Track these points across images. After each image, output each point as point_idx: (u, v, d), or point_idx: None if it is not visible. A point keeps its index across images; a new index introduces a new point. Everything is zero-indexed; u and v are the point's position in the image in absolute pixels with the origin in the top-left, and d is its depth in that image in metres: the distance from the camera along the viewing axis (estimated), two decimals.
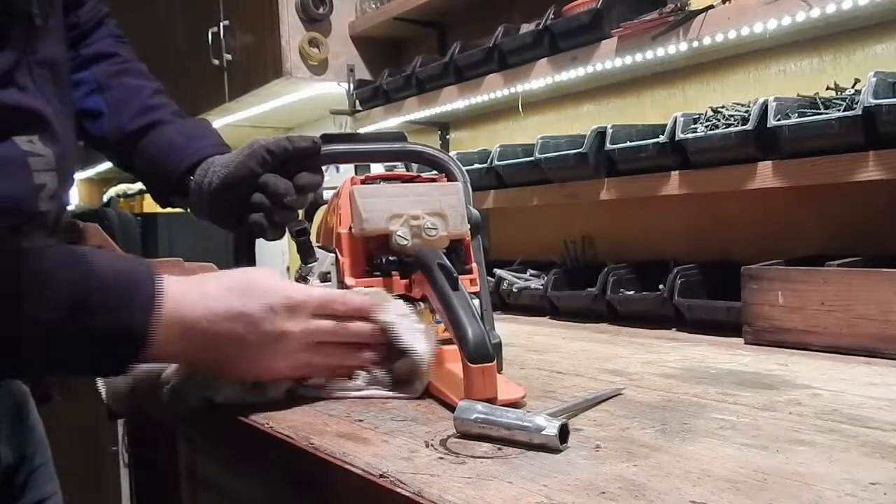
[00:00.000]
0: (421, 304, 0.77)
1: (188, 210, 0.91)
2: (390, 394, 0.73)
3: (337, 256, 0.80)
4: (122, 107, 0.91)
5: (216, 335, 0.65)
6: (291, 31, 2.00)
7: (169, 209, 0.99)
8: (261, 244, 0.85)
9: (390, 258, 0.77)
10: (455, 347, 0.66)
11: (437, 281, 0.69)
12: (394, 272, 0.77)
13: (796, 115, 1.03)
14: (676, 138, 1.15)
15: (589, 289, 1.28)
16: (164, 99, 0.95)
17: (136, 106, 0.91)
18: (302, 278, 0.84)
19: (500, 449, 0.57)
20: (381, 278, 0.77)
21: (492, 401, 0.62)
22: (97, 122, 0.91)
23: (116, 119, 0.91)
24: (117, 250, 1.15)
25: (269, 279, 0.68)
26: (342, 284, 0.78)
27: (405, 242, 0.75)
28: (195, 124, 0.93)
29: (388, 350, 0.72)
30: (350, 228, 0.78)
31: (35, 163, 0.70)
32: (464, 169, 0.87)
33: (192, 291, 0.65)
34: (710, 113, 1.17)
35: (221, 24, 2.23)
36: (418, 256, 0.74)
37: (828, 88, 1.12)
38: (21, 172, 0.69)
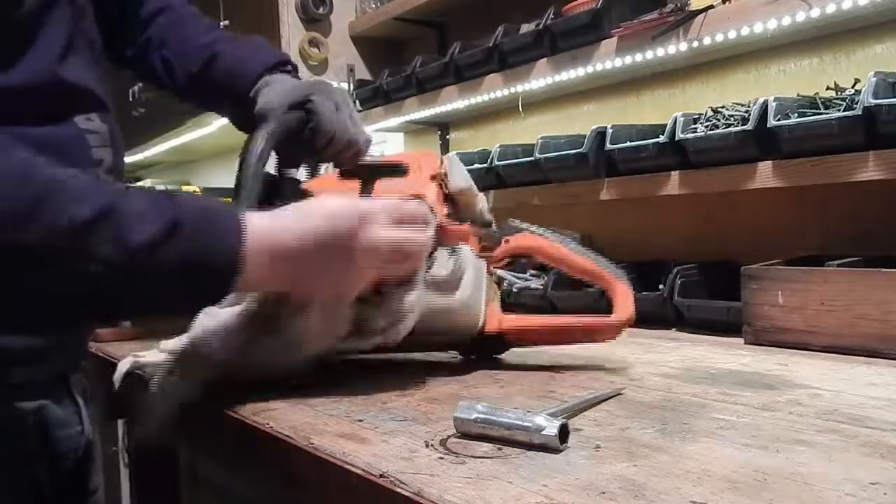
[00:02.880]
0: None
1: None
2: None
3: None
4: (184, 52, 0.96)
5: (305, 256, 0.66)
6: (291, 31, 2.00)
7: None
8: None
9: None
10: None
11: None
12: None
13: (796, 115, 1.03)
14: (676, 138, 1.15)
15: (588, 289, 1.28)
16: (217, 32, 0.99)
17: (194, 47, 0.96)
18: None
19: (500, 449, 0.57)
20: None
21: None
22: (172, 75, 0.97)
23: (183, 66, 0.96)
24: None
25: (339, 200, 0.70)
26: None
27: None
28: (246, 47, 0.97)
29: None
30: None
31: (93, 139, 0.72)
32: None
33: (273, 220, 0.66)
34: (710, 113, 1.17)
35: (221, 24, 2.23)
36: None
37: (828, 88, 1.12)
38: (82, 150, 0.70)
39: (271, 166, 0.90)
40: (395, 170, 0.91)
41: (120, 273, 0.57)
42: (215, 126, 2.43)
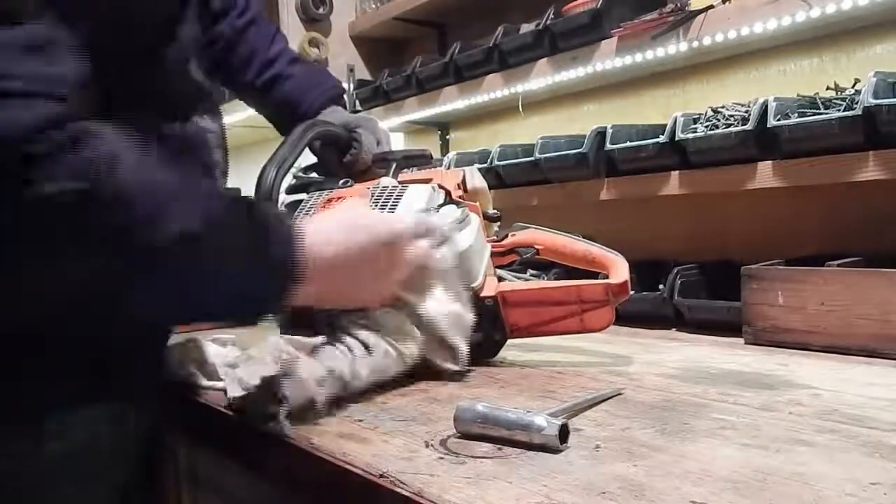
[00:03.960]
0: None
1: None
2: None
3: None
4: (249, 63, 1.06)
5: (343, 270, 0.69)
6: (291, 31, 2.00)
7: None
8: None
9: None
10: None
11: None
12: None
13: (796, 115, 1.03)
14: (676, 138, 1.15)
15: None
16: (281, 43, 1.09)
17: (260, 60, 1.06)
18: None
19: (500, 449, 0.57)
20: None
21: None
22: (233, 78, 1.07)
23: (246, 75, 1.06)
24: None
25: (372, 213, 0.76)
26: None
27: None
28: (308, 75, 1.09)
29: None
30: None
31: (211, 139, 0.74)
32: None
33: (317, 230, 0.68)
34: (710, 113, 1.17)
35: None
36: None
37: (828, 88, 1.12)
38: (205, 150, 0.73)
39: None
40: (422, 157, 1.04)
41: (203, 279, 0.59)
42: None
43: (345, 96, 1.11)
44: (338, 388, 0.71)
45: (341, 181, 0.97)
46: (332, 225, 0.71)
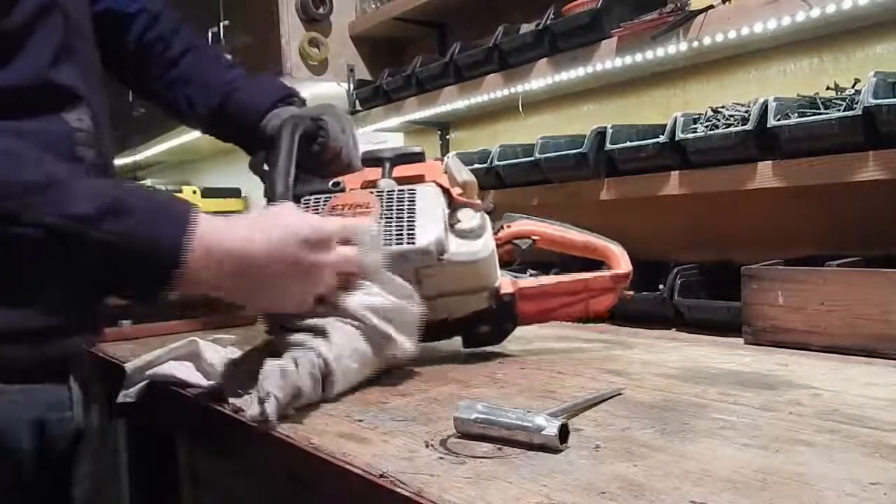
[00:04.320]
0: None
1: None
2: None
3: None
4: (207, 90, 1.04)
5: (250, 265, 0.68)
6: (291, 31, 2.00)
7: None
8: None
9: None
10: None
11: None
12: None
13: (796, 115, 1.03)
14: (676, 138, 1.15)
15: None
16: (237, 70, 1.08)
17: (216, 85, 1.04)
18: None
19: (500, 449, 0.57)
20: None
21: None
22: (194, 109, 1.05)
23: (205, 103, 1.04)
24: None
25: (294, 213, 0.73)
26: None
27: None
28: (258, 83, 1.07)
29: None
30: None
31: (79, 137, 0.73)
32: None
33: (225, 223, 0.68)
34: (710, 113, 1.17)
35: (221, 24, 2.23)
36: None
37: (828, 88, 1.12)
38: (65, 145, 0.71)
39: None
40: (414, 155, 0.99)
41: (58, 240, 0.59)
42: None
43: (298, 97, 1.07)
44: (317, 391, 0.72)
45: (331, 183, 0.94)
46: (244, 221, 0.70)
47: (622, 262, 1.00)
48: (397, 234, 0.85)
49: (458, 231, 0.89)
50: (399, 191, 0.90)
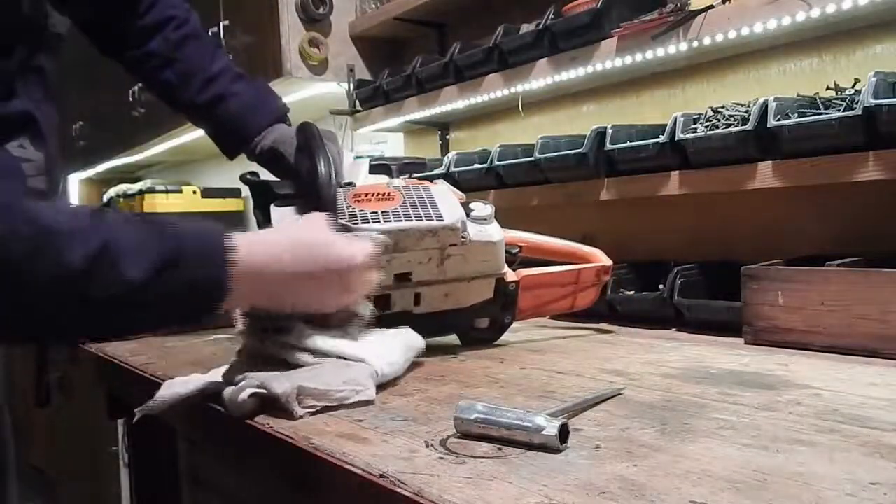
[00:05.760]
0: None
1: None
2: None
3: None
4: (190, 79, 1.02)
5: (284, 287, 0.71)
6: (291, 31, 2.00)
7: (170, 210, 1.07)
8: None
9: None
10: None
11: None
12: None
13: (796, 115, 1.03)
14: (676, 138, 1.15)
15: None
16: (223, 60, 1.06)
17: (202, 77, 1.02)
18: None
19: (500, 449, 0.57)
20: None
21: None
22: (172, 95, 1.04)
23: (186, 92, 1.03)
24: None
25: (327, 234, 0.75)
26: None
27: None
28: (253, 94, 1.06)
29: None
30: None
31: (27, 168, 0.72)
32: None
33: (260, 245, 0.70)
34: (710, 113, 1.17)
35: (221, 24, 2.23)
36: None
37: (828, 88, 1.12)
38: (15, 180, 0.71)
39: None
40: (421, 164, 1.07)
41: (120, 304, 0.61)
42: None
43: (288, 115, 1.08)
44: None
45: (344, 182, 0.97)
46: (278, 239, 0.73)
47: (602, 258, 1.13)
48: (425, 214, 0.91)
49: (473, 217, 0.96)
50: (416, 186, 0.96)
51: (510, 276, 1.02)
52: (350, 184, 0.96)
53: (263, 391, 0.69)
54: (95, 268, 0.59)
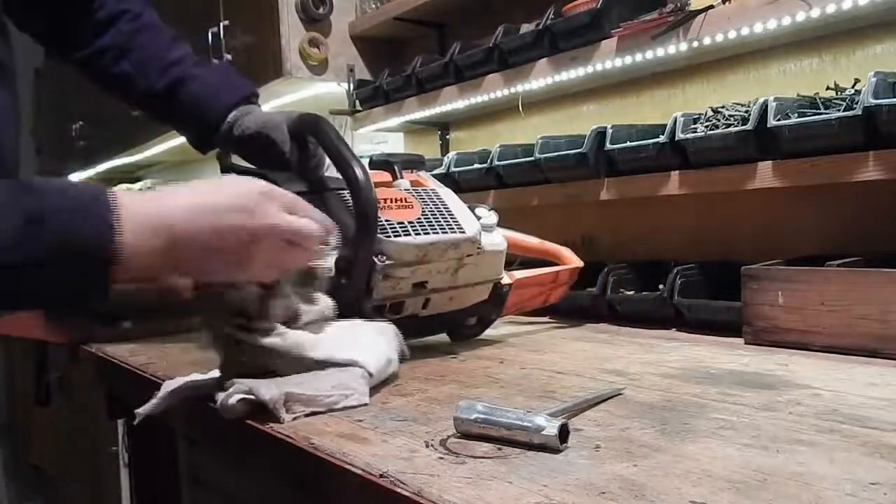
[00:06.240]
0: None
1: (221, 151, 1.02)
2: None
3: None
4: (146, 67, 0.96)
5: (192, 231, 0.63)
6: (291, 31, 2.00)
7: None
8: None
9: None
10: None
11: None
12: None
13: (796, 115, 1.03)
14: (676, 138, 1.15)
15: (589, 289, 1.28)
16: (182, 49, 0.99)
17: (159, 65, 0.97)
18: None
19: (500, 449, 0.57)
20: None
21: None
22: (129, 86, 0.98)
23: (144, 81, 0.97)
24: None
25: (238, 178, 0.70)
26: None
27: None
28: (216, 75, 1.00)
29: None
30: None
31: None
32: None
33: (160, 196, 0.64)
34: (710, 113, 1.17)
35: (221, 24, 2.23)
36: None
37: (828, 88, 1.12)
38: None
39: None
40: (420, 162, 1.06)
41: None
42: None
43: (257, 99, 1.01)
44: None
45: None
46: (184, 189, 0.65)
47: (574, 260, 1.21)
48: (447, 225, 0.92)
49: (483, 225, 0.98)
50: (425, 189, 0.97)
51: (505, 278, 1.05)
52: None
53: (252, 397, 0.69)
54: None
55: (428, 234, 0.90)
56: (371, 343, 0.80)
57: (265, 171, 0.93)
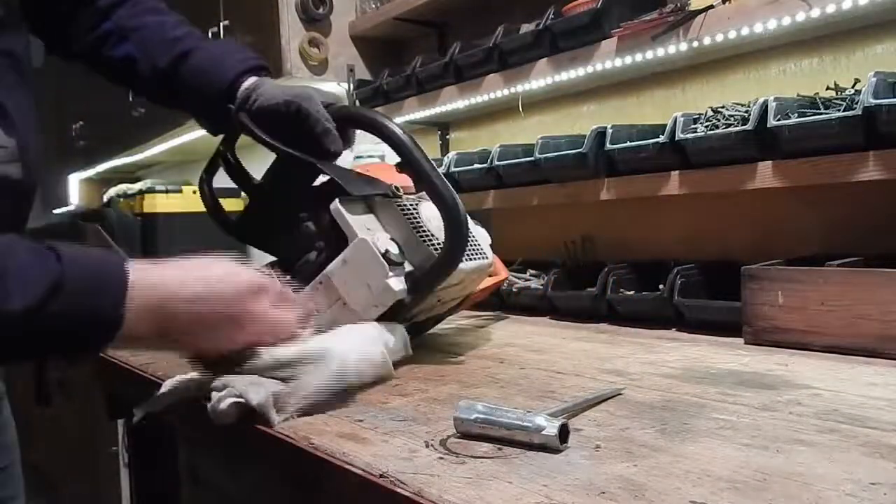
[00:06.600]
0: None
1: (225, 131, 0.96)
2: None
3: None
4: (150, 46, 0.92)
5: (192, 318, 0.67)
6: (291, 31, 2.00)
7: (168, 210, 1.03)
8: None
9: None
10: None
11: None
12: None
13: (796, 115, 1.03)
14: (676, 138, 1.15)
15: (589, 289, 1.28)
16: (187, 28, 0.96)
17: (162, 42, 0.92)
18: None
19: (500, 449, 0.57)
20: None
21: None
22: (133, 69, 0.93)
23: (148, 60, 0.92)
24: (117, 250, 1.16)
25: (233, 265, 0.71)
26: None
27: None
28: (222, 46, 0.96)
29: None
30: None
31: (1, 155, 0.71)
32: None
33: (163, 276, 0.67)
34: (710, 113, 1.17)
35: (221, 24, 2.23)
36: None
37: (828, 88, 1.12)
38: None
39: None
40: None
41: (4, 333, 0.59)
42: None
43: (267, 68, 0.94)
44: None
45: (393, 186, 0.92)
46: (183, 272, 0.68)
47: (503, 270, 1.26)
48: (479, 252, 0.95)
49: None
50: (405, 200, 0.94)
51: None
52: (397, 189, 0.93)
53: (242, 401, 0.69)
54: None
55: (472, 259, 0.91)
56: (346, 334, 0.79)
57: (294, 150, 0.87)
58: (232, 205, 1.10)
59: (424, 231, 0.89)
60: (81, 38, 0.95)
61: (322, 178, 0.91)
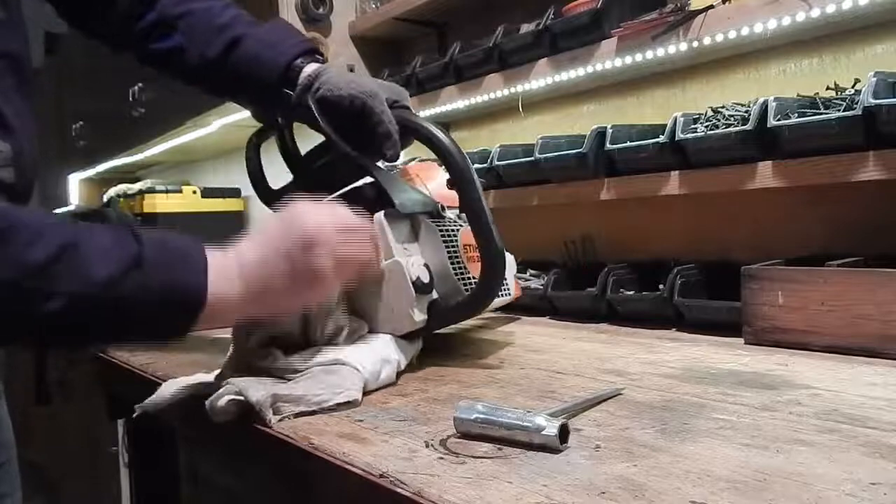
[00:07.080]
0: None
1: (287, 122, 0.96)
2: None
3: None
4: (198, 35, 0.91)
5: (270, 284, 0.67)
6: None
7: (168, 210, 1.02)
8: None
9: None
10: None
11: None
12: None
13: (796, 115, 1.03)
14: (676, 138, 1.15)
15: (589, 289, 1.28)
16: (234, 11, 0.93)
17: (210, 29, 0.90)
18: None
19: (500, 449, 0.57)
20: None
21: None
22: (182, 59, 0.92)
23: (197, 49, 0.90)
24: None
25: (295, 222, 0.70)
26: None
27: None
28: (274, 30, 0.92)
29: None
30: None
31: None
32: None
33: (239, 252, 0.68)
34: (710, 113, 1.17)
35: None
36: None
37: (828, 88, 1.12)
38: None
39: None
40: None
41: (84, 305, 0.58)
42: (215, 126, 2.43)
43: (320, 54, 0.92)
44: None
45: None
46: (254, 242, 0.69)
47: (517, 290, 1.22)
48: (502, 288, 0.95)
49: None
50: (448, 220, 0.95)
51: None
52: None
53: (241, 398, 0.69)
54: (59, 262, 0.56)
55: (497, 296, 0.90)
56: (361, 344, 0.80)
57: (350, 146, 0.86)
58: (232, 205, 1.09)
59: (459, 262, 0.89)
60: (124, 27, 0.93)
61: (368, 178, 0.89)
